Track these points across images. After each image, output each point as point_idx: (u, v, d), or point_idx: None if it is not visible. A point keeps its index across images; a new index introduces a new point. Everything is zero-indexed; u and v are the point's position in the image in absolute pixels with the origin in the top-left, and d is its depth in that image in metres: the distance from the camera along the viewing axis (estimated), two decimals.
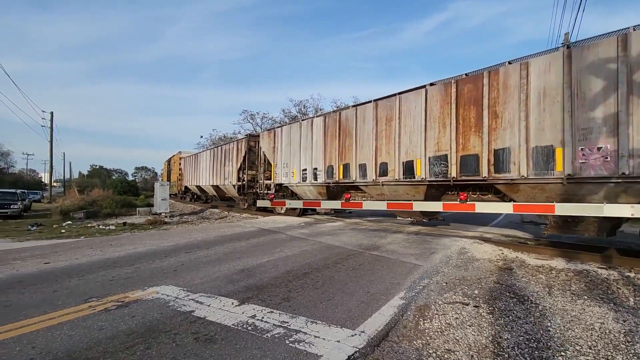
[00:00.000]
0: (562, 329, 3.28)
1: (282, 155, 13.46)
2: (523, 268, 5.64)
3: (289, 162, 12.96)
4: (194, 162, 24.55)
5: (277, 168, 13.73)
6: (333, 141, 10.88)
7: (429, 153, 8.06)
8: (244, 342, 2.92)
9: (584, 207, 5.55)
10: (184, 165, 28.05)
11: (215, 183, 20.14)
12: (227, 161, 18.43)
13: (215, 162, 20.33)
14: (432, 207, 8.11)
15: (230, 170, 18.04)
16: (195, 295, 4.14)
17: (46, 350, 2.74)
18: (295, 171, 12.54)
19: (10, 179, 46.57)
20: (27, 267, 5.57)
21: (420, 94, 8.47)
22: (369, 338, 3.04)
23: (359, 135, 9.99)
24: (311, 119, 12.17)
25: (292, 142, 12.87)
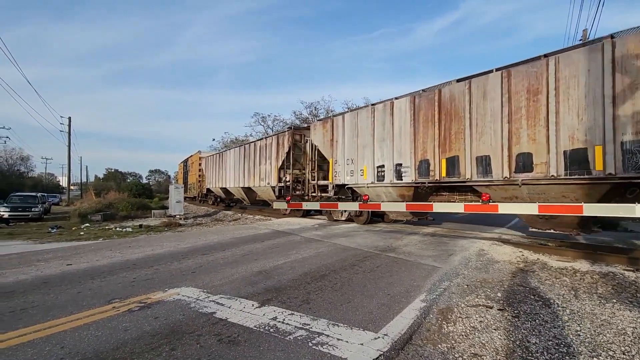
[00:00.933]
0: (592, 333, 3.18)
1: (345, 149, 11.12)
2: (545, 270, 5.50)
3: (354, 158, 10.69)
4: (218, 162, 22.15)
5: (338, 165, 11.39)
6: (428, 128, 8.53)
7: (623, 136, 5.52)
8: (267, 344, 2.91)
9: (614, 207, 5.34)
10: (205, 165, 25.36)
11: (247, 185, 17.82)
12: (263, 159, 16.13)
13: (246, 161, 17.90)
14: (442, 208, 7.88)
15: (267, 170, 15.74)
16: (216, 296, 4.16)
17: (75, 350, 2.79)
18: (366, 169, 10.22)
19: (30, 182, 47.89)
20: (50, 269, 5.71)
21: (595, 50, 5.90)
22: (393, 341, 3.00)
23: (474, 117, 7.56)
24: (390, 102, 9.67)
25: (361, 133, 10.54)
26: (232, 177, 19.73)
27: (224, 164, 20.96)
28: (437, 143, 8.34)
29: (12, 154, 50.41)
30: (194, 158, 30.25)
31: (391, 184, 9.58)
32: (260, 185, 16.31)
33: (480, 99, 7.55)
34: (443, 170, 8.19)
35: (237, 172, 18.99)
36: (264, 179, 15.97)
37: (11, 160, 50.70)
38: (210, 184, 23.98)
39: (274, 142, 15.30)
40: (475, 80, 7.68)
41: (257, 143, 17.03)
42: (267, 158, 15.86)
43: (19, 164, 52.93)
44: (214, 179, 22.94)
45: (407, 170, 9.09)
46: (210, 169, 23.83)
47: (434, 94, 8.46)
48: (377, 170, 9.97)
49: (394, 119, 9.54)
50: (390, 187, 9.68)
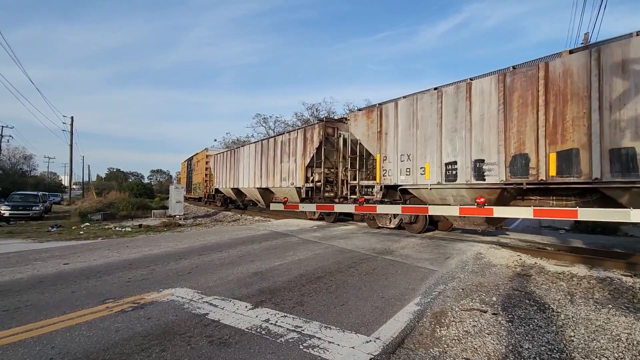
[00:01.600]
0: (586, 339, 3.15)
1: (398, 143, 9.26)
2: (542, 274, 5.47)
3: (412, 153, 8.87)
4: (230, 160, 19.90)
5: (388, 163, 9.52)
6: (527, 113, 6.78)
7: None
8: (258, 347, 2.90)
9: (610, 212, 5.30)
10: (213, 164, 22.82)
11: (264, 185, 15.80)
12: (285, 156, 14.20)
13: (263, 159, 15.96)
14: (443, 210, 7.87)
15: (291, 169, 13.76)
16: (209, 297, 4.16)
17: (65, 350, 2.79)
18: (429, 166, 8.47)
19: (32, 181, 48.12)
20: (47, 268, 5.72)
21: None
22: (384, 345, 2.98)
23: (605, 96, 5.83)
24: (466, 84, 7.91)
25: (422, 123, 8.70)
26: (246, 177, 17.61)
27: (237, 162, 18.80)
28: (542, 133, 6.55)
29: (15, 153, 50.67)
30: (200, 156, 27.85)
31: (467, 185, 7.72)
32: (282, 186, 14.32)
33: (617, 71, 5.73)
34: (552, 167, 6.41)
35: (252, 171, 16.91)
36: (287, 178, 13.97)
37: (14, 159, 50.95)
38: (220, 184, 21.64)
39: (300, 136, 13.36)
40: (608, 47, 5.87)
41: (279, 138, 14.97)
42: (290, 155, 13.90)
43: (21, 162, 53.20)
44: (224, 178, 20.68)
45: (492, 168, 7.26)
46: (220, 168, 21.52)
47: (535, 70, 6.71)
48: (446, 168, 8.09)
49: (471, 104, 7.69)
50: (465, 189, 7.85)
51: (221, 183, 21.36)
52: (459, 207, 6.81)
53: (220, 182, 21.50)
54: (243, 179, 18.05)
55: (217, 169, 22.09)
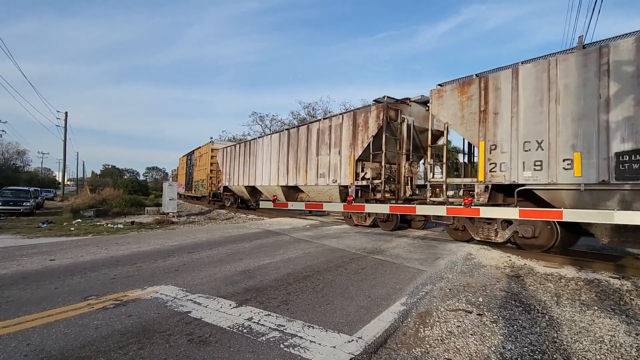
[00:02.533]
0: (569, 340, 3.15)
1: (520, 124, 6.81)
2: (531, 276, 5.47)
3: (544, 139, 6.44)
4: (243, 153, 17.33)
5: (500, 153, 7.08)
6: None
7: None
8: (238, 345, 2.87)
9: (593, 213, 5.30)
10: (222, 158, 20.13)
11: (293, 183, 13.21)
12: (325, 147, 11.67)
13: (291, 151, 13.34)
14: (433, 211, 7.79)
15: (333, 163, 11.22)
16: (194, 295, 4.11)
17: (40, 347, 2.74)
18: (579, 157, 5.99)
19: (25, 177, 47.69)
20: (32, 264, 5.64)
21: None
22: (366, 344, 2.96)
23: None
24: None
25: (565, 96, 6.26)
26: (265, 173, 15.18)
27: (253, 155, 16.30)
28: None
29: (8, 148, 50.27)
30: (203, 150, 25.12)
31: None
32: (318, 184, 11.83)
33: None
34: None
35: (274, 166, 14.45)
36: (327, 175, 11.50)
37: (7, 154, 50.54)
38: (230, 181, 18.89)
39: (348, 122, 10.92)
40: None
41: (314, 126, 12.48)
42: (332, 145, 11.41)
43: (15, 158, 52.78)
44: (236, 174, 18.11)
45: None
46: (230, 163, 18.92)
47: None
48: (619, 159, 5.55)
49: None
50: None
51: (232, 180, 18.70)
52: (445, 207, 6.77)
53: (231, 179, 18.81)
54: (261, 175, 15.56)
55: (227, 164, 19.41)
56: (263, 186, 15.59)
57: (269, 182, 14.95)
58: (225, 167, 19.79)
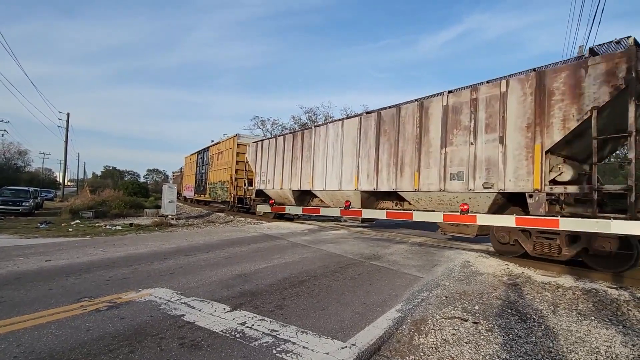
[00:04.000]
0: (564, 350, 3.11)
1: None
2: (528, 284, 5.43)
3: None
4: (290, 147, 13.16)
5: None
6: None
7: None
8: (230, 350, 2.84)
9: (591, 222, 5.29)
10: (255, 155, 15.63)
11: (388, 187, 9.02)
12: (463, 133, 7.50)
13: (384, 143, 9.27)
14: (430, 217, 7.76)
15: (484, 157, 7.10)
16: (188, 299, 4.09)
17: (30, 349, 2.71)
18: None
19: (26, 177, 47.72)
20: (28, 264, 5.62)
21: None
22: (360, 351, 2.93)
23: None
24: None
25: None
26: (332, 173, 10.97)
27: (309, 150, 12.12)
28: None
29: (9, 148, 50.33)
30: (225, 145, 20.87)
31: None
32: (446, 189, 7.68)
33: None
34: None
35: (349, 163, 10.31)
36: (468, 175, 7.32)
37: (8, 154, 50.61)
38: (267, 184, 14.48)
39: (525, 89, 6.61)
40: None
41: (434, 103, 8.16)
42: (484, 130, 7.18)
43: (16, 158, 52.84)
44: (276, 175, 13.90)
45: None
46: (267, 160, 14.60)
47: None
48: None
49: None
50: None
51: (269, 182, 14.32)
52: (442, 214, 6.73)
53: (268, 181, 14.41)
54: (323, 176, 11.36)
55: (262, 162, 15.08)
56: (327, 191, 11.20)
57: (339, 185, 10.63)
58: (259, 166, 15.31)
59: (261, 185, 15.05)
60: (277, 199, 14.27)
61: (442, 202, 7.93)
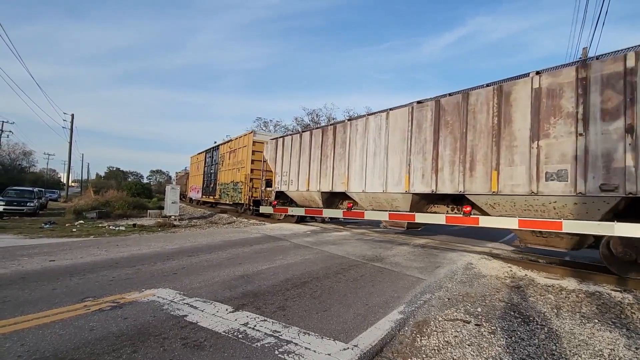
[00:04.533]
0: (567, 353, 3.10)
1: None
2: (532, 287, 5.41)
3: None
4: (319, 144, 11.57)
5: None
6: None
7: None
8: (232, 350, 2.85)
9: (593, 225, 5.25)
10: (275, 153, 14.15)
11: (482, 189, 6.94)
12: None
13: (473, 133, 7.23)
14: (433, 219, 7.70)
15: None
16: (191, 299, 4.10)
17: (34, 348, 2.74)
18: None
19: (31, 177, 48.08)
20: (32, 264, 5.66)
21: None
22: (362, 353, 2.93)
23: None
24: None
25: None
26: (374, 172, 9.41)
27: (342, 146, 10.53)
28: None
29: (15, 149, 50.71)
30: (238, 142, 19.17)
31: None
32: (588, 192, 5.67)
33: None
34: None
35: (400, 161, 8.71)
36: (597, 171, 5.60)
37: (14, 155, 51.00)
38: (289, 185, 13.01)
39: None
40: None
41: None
42: None
43: (21, 158, 53.23)
44: (301, 175, 12.35)
45: None
46: (290, 159, 13.09)
47: None
48: None
49: None
50: None
51: (293, 183, 12.83)
52: (445, 215, 6.70)
53: (292, 182, 12.92)
54: (361, 175, 9.74)
55: (283, 161, 13.55)
56: (367, 193, 9.57)
57: (384, 186, 8.99)
58: (279, 165, 13.82)
59: (282, 186, 13.49)
60: (301, 201, 12.83)
61: (531, 207, 6.45)
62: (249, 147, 17.76)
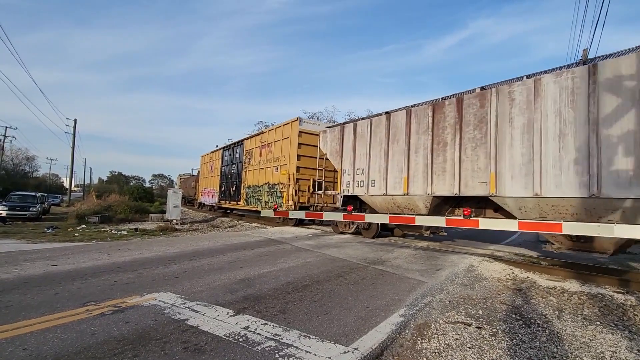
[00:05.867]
0: (569, 356, 3.09)
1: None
2: (533, 289, 5.39)
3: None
4: (432, 126, 8.36)
5: None
6: None
7: None
8: (233, 354, 2.86)
9: (594, 227, 5.23)
10: (342, 144, 11.00)
11: None
12: None
13: None
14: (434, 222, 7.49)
15: None
16: (192, 303, 4.11)
17: (36, 352, 2.75)
18: None
19: (33, 182, 48.32)
20: (34, 269, 5.69)
21: None
22: (362, 356, 2.93)
23: None
24: None
25: None
26: (559, 167, 6.17)
27: (481, 130, 7.41)
28: None
29: (17, 154, 51.02)
30: (278, 133, 15.45)
31: None
32: None
33: None
34: None
35: None
36: None
37: (16, 160, 51.28)
38: (367, 187, 9.97)
39: None
40: None
41: None
42: None
43: (24, 163, 53.52)
44: (395, 173, 9.26)
45: None
46: (371, 152, 9.99)
47: None
48: None
49: None
50: None
51: (376, 184, 9.73)
52: (445, 218, 6.69)
53: (373, 183, 9.82)
54: (530, 171, 6.56)
55: (358, 154, 10.36)
56: (549, 199, 6.33)
57: (590, 186, 5.80)
58: (348, 160, 10.62)
59: (355, 188, 10.19)
60: (391, 208, 9.57)
61: None
62: (294, 138, 14.20)
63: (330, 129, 11.71)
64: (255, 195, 17.12)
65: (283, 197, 14.25)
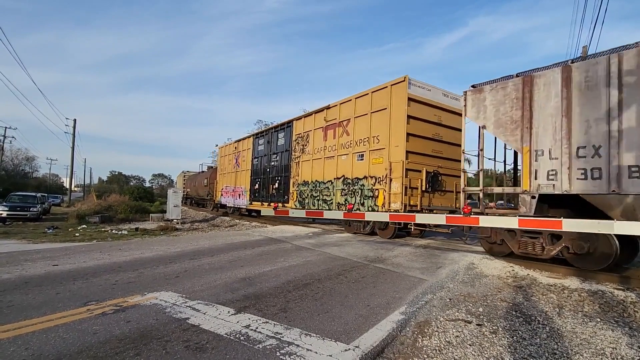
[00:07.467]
0: (569, 352, 3.10)
1: None
2: (534, 286, 5.40)
3: None
4: None
5: None
6: None
7: None
8: (234, 352, 2.87)
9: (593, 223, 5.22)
10: (541, 100, 6.44)
11: None
12: None
13: None
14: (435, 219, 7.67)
15: None
16: (193, 302, 4.12)
17: (38, 352, 2.76)
18: None
19: (34, 182, 48.29)
20: (35, 269, 5.70)
21: None
22: (363, 354, 2.94)
23: None
24: None
25: None
26: None
27: None
28: None
29: (17, 154, 50.98)
30: (357, 105, 11.26)
31: None
32: None
33: None
34: None
35: None
36: None
37: (16, 160, 51.25)
38: (578, 179, 5.93)
39: None
40: None
41: None
42: None
43: (24, 164, 53.49)
44: None
45: None
46: (626, 115, 5.42)
47: None
48: None
49: None
50: None
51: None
52: (445, 216, 6.70)
53: None
54: None
55: (582, 121, 5.94)
56: None
57: None
58: (561, 131, 6.22)
59: (574, 182, 6.08)
60: None
61: None
62: (399, 109, 9.81)
63: (499, 83, 7.16)
64: (315, 194, 12.77)
65: (378, 198, 10.20)
